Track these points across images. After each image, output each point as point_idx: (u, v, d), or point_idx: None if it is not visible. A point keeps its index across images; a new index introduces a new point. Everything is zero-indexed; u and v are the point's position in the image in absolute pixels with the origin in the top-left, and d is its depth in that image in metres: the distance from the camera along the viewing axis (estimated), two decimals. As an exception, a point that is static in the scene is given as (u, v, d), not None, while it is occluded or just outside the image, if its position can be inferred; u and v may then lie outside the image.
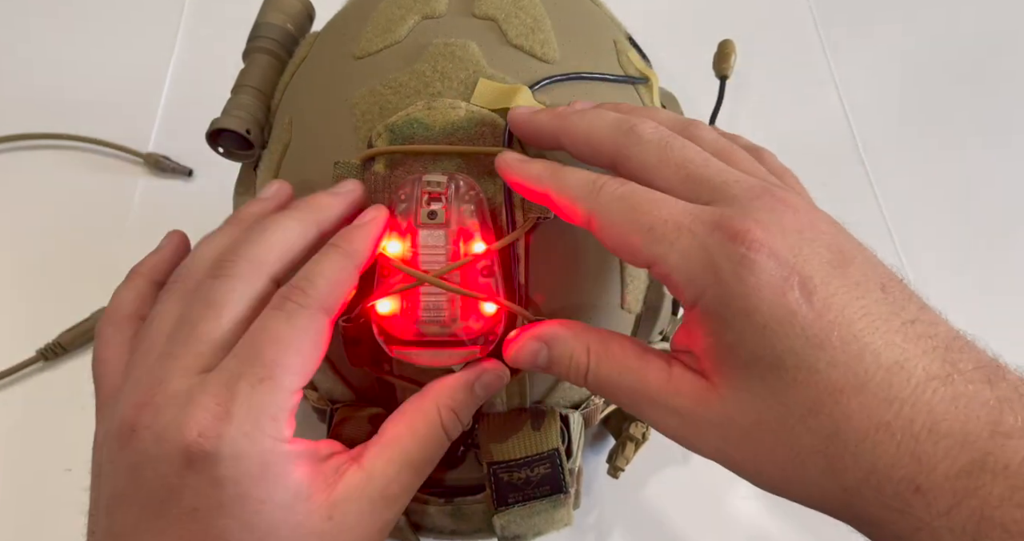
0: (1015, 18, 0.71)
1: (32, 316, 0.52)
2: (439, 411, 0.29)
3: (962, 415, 0.22)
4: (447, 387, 0.30)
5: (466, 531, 0.36)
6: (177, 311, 0.28)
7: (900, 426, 0.22)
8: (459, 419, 0.30)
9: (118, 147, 0.59)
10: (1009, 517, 0.20)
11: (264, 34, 0.38)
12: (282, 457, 0.26)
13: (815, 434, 0.23)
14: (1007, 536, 0.20)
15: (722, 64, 0.38)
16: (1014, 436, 0.21)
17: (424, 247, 0.29)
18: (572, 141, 0.29)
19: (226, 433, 0.25)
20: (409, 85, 0.31)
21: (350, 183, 0.30)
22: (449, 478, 0.34)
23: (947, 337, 0.23)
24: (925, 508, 0.21)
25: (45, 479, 0.46)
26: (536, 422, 0.33)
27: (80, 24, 0.67)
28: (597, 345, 0.27)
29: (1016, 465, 0.21)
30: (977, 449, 0.21)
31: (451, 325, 0.29)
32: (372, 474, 0.27)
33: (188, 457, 0.25)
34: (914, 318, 0.23)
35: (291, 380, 0.26)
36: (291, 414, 0.27)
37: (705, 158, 0.27)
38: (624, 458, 0.41)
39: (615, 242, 0.26)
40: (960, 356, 0.23)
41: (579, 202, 0.27)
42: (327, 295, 0.27)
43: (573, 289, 0.32)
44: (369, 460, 0.28)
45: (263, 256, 0.28)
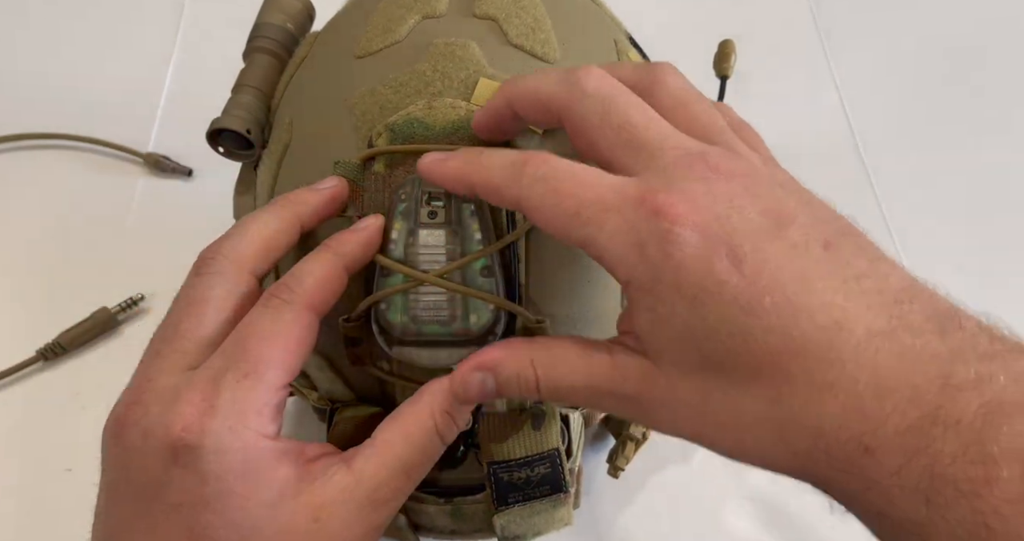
0: (1015, 18, 0.71)
1: (32, 316, 0.52)
2: (433, 415, 0.29)
3: (909, 370, 0.21)
4: (438, 392, 0.29)
5: (466, 531, 0.36)
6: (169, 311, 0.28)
7: (843, 386, 0.21)
8: (454, 421, 0.29)
9: (118, 147, 0.59)
10: (962, 474, 0.20)
11: (264, 34, 0.38)
12: (265, 453, 0.26)
13: (759, 402, 0.22)
14: (959, 494, 0.19)
15: (722, 64, 0.38)
16: (966, 389, 0.20)
17: (424, 247, 0.29)
18: (520, 100, 0.28)
19: (210, 427, 0.25)
20: (409, 85, 0.31)
21: (332, 179, 0.31)
22: (449, 478, 0.34)
23: (897, 289, 0.23)
24: (876, 468, 0.21)
25: (45, 479, 0.46)
26: (536, 422, 0.33)
27: (80, 24, 0.67)
28: (540, 355, 0.27)
29: (969, 419, 0.20)
30: (927, 403, 0.20)
31: (451, 325, 0.29)
32: (361, 478, 0.27)
33: (173, 451, 0.25)
34: (860, 274, 0.23)
35: (276, 375, 0.26)
36: (277, 410, 0.27)
37: (647, 120, 0.26)
38: (624, 458, 0.41)
39: (545, 226, 0.25)
40: (910, 308, 0.22)
41: (504, 190, 0.26)
42: (314, 292, 0.28)
43: (573, 288, 0.32)
44: (359, 463, 0.27)
45: (242, 251, 0.28)
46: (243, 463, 0.25)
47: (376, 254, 0.29)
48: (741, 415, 0.23)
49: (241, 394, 0.26)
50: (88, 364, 0.50)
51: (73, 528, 0.29)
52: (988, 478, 0.19)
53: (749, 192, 0.24)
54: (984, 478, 0.19)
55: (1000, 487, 0.19)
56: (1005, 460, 0.19)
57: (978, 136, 0.64)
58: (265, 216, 0.30)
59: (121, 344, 0.51)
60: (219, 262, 0.28)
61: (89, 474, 0.28)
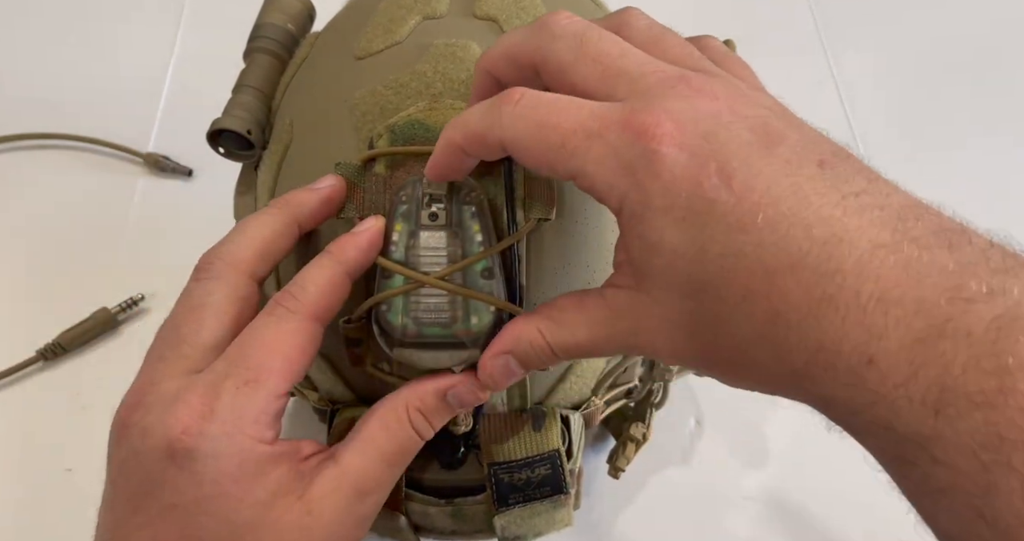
0: (1016, 17, 0.71)
1: (32, 316, 0.52)
2: (408, 411, 0.29)
3: (915, 282, 0.20)
4: (418, 390, 0.30)
5: (466, 532, 0.36)
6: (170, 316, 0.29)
7: (845, 298, 0.21)
8: (429, 423, 0.30)
9: (118, 147, 0.59)
10: (975, 385, 0.19)
11: (265, 34, 0.37)
12: (262, 457, 0.26)
13: (754, 320, 0.22)
14: (972, 406, 0.19)
15: (722, 64, 0.38)
16: (977, 301, 0.20)
17: (425, 249, 0.29)
18: (494, 64, 0.27)
19: (207, 431, 0.25)
20: (410, 86, 0.31)
21: (329, 178, 0.31)
22: (449, 479, 0.34)
23: (901, 206, 0.22)
24: (880, 380, 0.20)
25: (45, 479, 0.46)
26: (537, 423, 0.33)
27: (80, 24, 0.67)
28: (543, 323, 0.27)
29: (981, 331, 0.19)
30: (935, 315, 0.20)
31: (452, 327, 0.29)
32: (346, 469, 0.28)
33: (171, 453, 0.25)
34: (860, 190, 0.22)
35: (276, 384, 0.27)
36: (275, 417, 0.27)
37: (622, 49, 0.25)
38: (625, 459, 0.41)
39: (535, 164, 0.25)
40: (916, 224, 0.21)
41: (487, 134, 0.25)
42: (317, 301, 0.28)
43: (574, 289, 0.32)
44: (343, 456, 0.28)
45: (240, 256, 0.29)
46: (239, 467, 0.26)
47: (377, 256, 0.29)
48: (736, 335, 0.22)
49: (240, 401, 0.26)
50: (88, 364, 0.50)
51: (73, 528, 0.29)
52: (1003, 389, 0.19)
53: (734, 112, 0.23)
54: (998, 389, 0.19)
55: (1016, 398, 0.18)
56: (1022, 371, 0.19)
57: (978, 136, 0.64)
58: (263, 219, 0.30)
59: (121, 344, 0.51)
60: (217, 267, 0.28)
61: (89, 474, 0.28)
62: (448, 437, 0.34)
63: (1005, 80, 0.67)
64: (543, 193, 0.30)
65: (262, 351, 0.27)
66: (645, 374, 0.40)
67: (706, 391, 0.50)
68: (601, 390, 0.37)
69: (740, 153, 0.22)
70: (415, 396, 0.30)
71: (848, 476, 0.46)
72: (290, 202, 0.30)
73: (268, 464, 0.26)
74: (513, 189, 0.30)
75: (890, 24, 0.71)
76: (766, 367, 0.22)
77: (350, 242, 0.29)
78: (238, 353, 0.27)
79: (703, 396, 0.50)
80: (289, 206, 0.30)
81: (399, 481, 0.33)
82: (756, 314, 0.22)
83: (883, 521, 0.44)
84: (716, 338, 0.23)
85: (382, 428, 0.29)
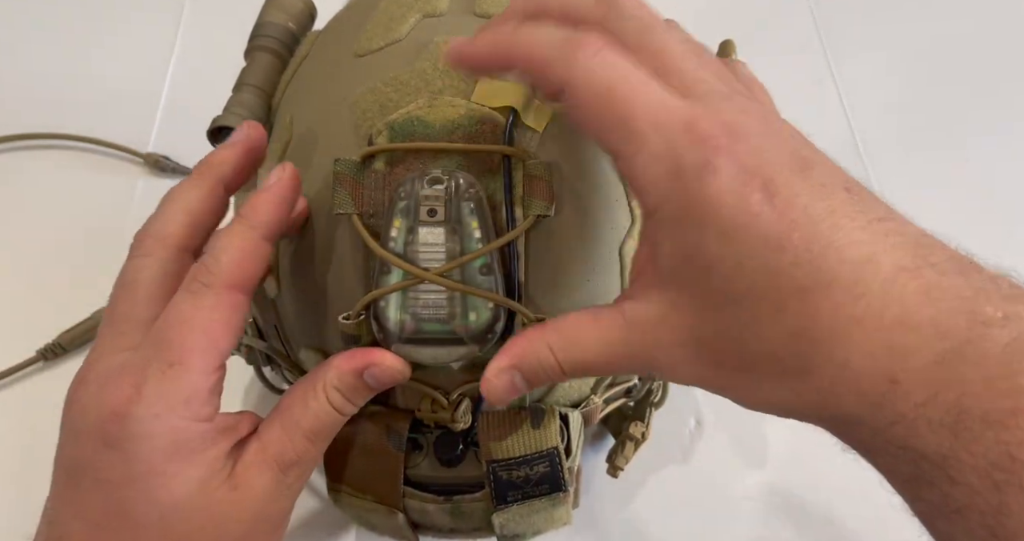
0: (1016, 18, 0.71)
1: (32, 316, 0.52)
2: (326, 389, 0.30)
3: (935, 306, 0.21)
4: (335, 368, 0.30)
5: (465, 529, 0.36)
6: None
7: (871, 320, 0.21)
8: (347, 400, 0.30)
9: (118, 147, 0.59)
10: (990, 406, 0.20)
11: (266, 33, 0.38)
12: (198, 434, 0.27)
13: (782, 335, 0.22)
14: (986, 426, 0.20)
15: (722, 64, 0.38)
16: (993, 325, 0.20)
17: (423, 244, 0.29)
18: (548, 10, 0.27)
19: (135, 413, 0.26)
20: (410, 83, 0.31)
21: (243, 129, 0.31)
22: (448, 476, 0.34)
23: (916, 234, 0.23)
24: (902, 400, 0.21)
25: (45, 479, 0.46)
26: (535, 421, 0.33)
27: (80, 24, 0.67)
28: (554, 338, 0.26)
29: (996, 354, 0.20)
30: (953, 338, 0.20)
31: (451, 323, 0.29)
32: (267, 442, 0.29)
33: (103, 432, 0.26)
34: (882, 216, 0.23)
35: (203, 361, 0.27)
36: (211, 393, 0.27)
37: (684, 51, 0.25)
38: (624, 457, 0.41)
39: (583, 122, 0.25)
40: (931, 251, 0.22)
41: (553, 67, 0.25)
42: (232, 270, 0.28)
43: (573, 287, 0.32)
44: (264, 431, 0.29)
45: (166, 229, 0.29)
46: (172, 445, 0.26)
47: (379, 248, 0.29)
48: (763, 350, 0.23)
49: (167, 384, 0.26)
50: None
51: (72, 527, 0.29)
52: (1016, 410, 0.19)
53: (776, 133, 0.24)
54: (1012, 409, 0.19)
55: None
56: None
57: (979, 136, 0.64)
58: (185, 188, 0.30)
59: (121, 344, 0.51)
60: (147, 244, 0.29)
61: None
62: (447, 434, 0.34)
63: (1005, 80, 0.67)
64: (542, 190, 0.30)
65: (182, 330, 0.27)
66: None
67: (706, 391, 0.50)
68: (600, 388, 0.37)
69: (783, 172, 0.23)
70: (333, 374, 0.30)
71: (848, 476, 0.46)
72: (209, 163, 0.30)
73: (207, 441, 0.27)
74: (512, 186, 0.30)
75: (890, 24, 0.71)
76: (789, 384, 0.23)
77: (260, 200, 0.29)
78: (159, 335, 0.27)
79: (703, 396, 0.50)
80: (209, 168, 0.30)
81: (397, 478, 0.33)
82: (784, 330, 0.22)
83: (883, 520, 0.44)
84: (741, 353, 0.23)
85: (301, 403, 0.30)
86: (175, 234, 0.29)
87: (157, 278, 0.28)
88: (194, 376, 0.27)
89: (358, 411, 0.34)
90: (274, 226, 0.29)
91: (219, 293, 0.27)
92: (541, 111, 0.31)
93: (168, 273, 0.29)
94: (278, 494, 0.29)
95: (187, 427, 0.27)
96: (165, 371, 0.26)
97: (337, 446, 0.33)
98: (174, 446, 0.26)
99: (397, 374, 0.30)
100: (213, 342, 0.27)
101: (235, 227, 0.28)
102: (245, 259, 0.28)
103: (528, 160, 0.30)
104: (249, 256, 0.28)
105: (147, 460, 0.26)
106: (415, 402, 0.33)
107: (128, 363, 0.27)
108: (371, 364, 0.30)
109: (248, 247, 0.28)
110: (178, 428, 0.26)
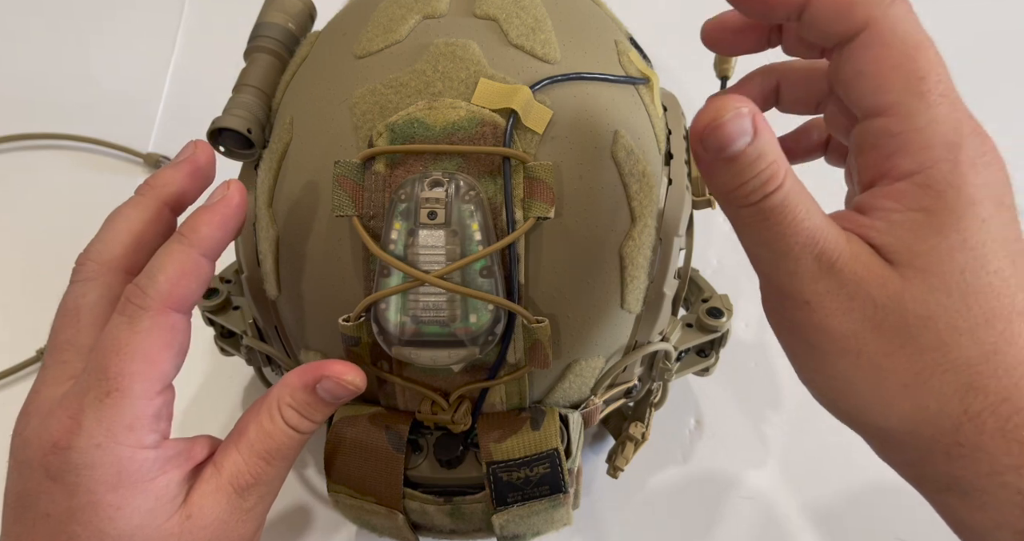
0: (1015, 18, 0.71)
1: (32, 316, 0.51)
2: (279, 407, 0.29)
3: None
4: (287, 385, 0.29)
5: (465, 530, 0.36)
6: None
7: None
8: (304, 417, 0.29)
9: (118, 147, 0.59)
10: None
11: (265, 33, 0.38)
12: (145, 463, 0.26)
13: (979, 346, 0.22)
14: None
15: (723, 65, 0.38)
16: None
17: (424, 247, 0.29)
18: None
19: (76, 444, 0.25)
20: (410, 85, 0.31)
21: (188, 146, 0.30)
22: (448, 477, 0.34)
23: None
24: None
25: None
26: (535, 422, 0.33)
27: (80, 24, 0.67)
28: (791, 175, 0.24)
29: None
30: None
31: (450, 325, 0.29)
32: (221, 467, 0.28)
33: (44, 465, 0.25)
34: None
35: (143, 387, 0.26)
36: (155, 419, 0.26)
37: None
38: (623, 458, 0.41)
39: (873, 66, 0.23)
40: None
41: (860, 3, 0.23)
42: (169, 291, 0.27)
43: (573, 289, 0.32)
44: (219, 454, 0.28)
45: (109, 252, 0.28)
46: (117, 476, 0.25)
47: (379, 251, 0.29)
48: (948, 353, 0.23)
49: (107, 413, 0.25)
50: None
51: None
52: None
53: None
54: None
55: None
56: None
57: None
58: (127, 210, 0.29)
59: (121, 344, 0.51)
60: (89, 267, 0.28)
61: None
62: (447, 435, 0.34)
63: (1006, 79, 0.67)
64: (542, 192, 0.30)
65: (119, 357, 0.26)
66: (644, 374, 0.40)
67: (706, 391, 0.50)
68: (600, 389, 0.37)
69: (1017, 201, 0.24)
70: (285, 391, 0.29)
71: (848, 476, 0.46)
72: (152, 185, 0.29)
73: (154, 469, 0.26)
74: (512, 188, 0.30)
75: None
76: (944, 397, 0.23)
77: (202, 219, 0.28)
78: (96, 363, 0.26)
79: (703, 396, 0.50)
80: (152, 189, 0.29)
81: (397, 479, 0.33)
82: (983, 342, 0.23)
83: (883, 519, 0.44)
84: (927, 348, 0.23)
85: (255, 424, 0.29)
86: (119, 257, 0.28)
87: (100, 303, 0.28)
88: (135, 402, 0.26)
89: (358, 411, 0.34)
90: (216, 244, 0.28)
91: (155, 316, 0.26)
92: (541, 113, 0.31)
93: (112, 298, 0.28)
94: (236, 519, 0.28)
95: (132, 455, 0.26)
96: (103, 399, 0.25)
97: (337, 447, 0.33)
98: (118, 476, 0.25)
99: (350, 386, 0.29)
100: (152, 366, 0.26)
101: (173, 246, 0.27)
102: (183, 278, 0.27)
103: (528, 162, 0.30)
104: (188, 275, 0.27)
105: (90, 491, 0.25)
106: (415, 403, 0.33)
107: (67, 396, 0.26)
108: (323, 377, 0.29)
109: (187, 266, 0.27)
110: (122, 457, 0.25)
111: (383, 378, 0.33)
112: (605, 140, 0.32)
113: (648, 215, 0.33)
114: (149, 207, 0.29)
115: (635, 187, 0.33)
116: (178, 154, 0.30)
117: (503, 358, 0.32)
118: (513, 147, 0.30)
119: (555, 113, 0.31)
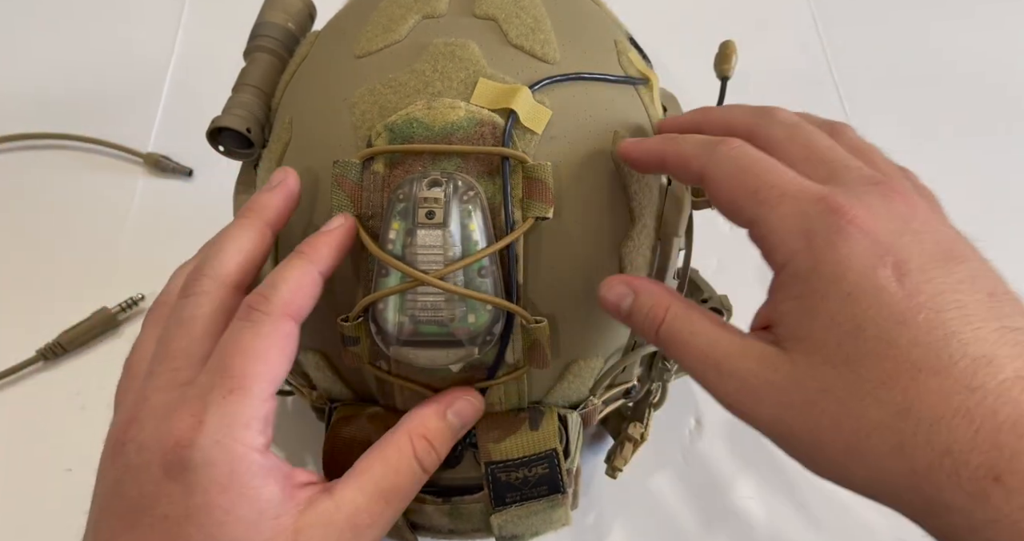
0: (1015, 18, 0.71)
1: (32, 316, 0.52)
2: (411, 439, 0.30)
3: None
4: (418, 414, 0.31)
5: (464, 530, 0.36)
6: (156, 334, 0.29)
7: (981, 415, 0.22)
8: (433, 448, 0.30)
9: (118, 147, 0.59)
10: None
11: (265, 33, 0.38)
12: (252, 467, 0.26)
13: (885, 408, 0.23)
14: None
15: (723, 65, 0.38)
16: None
17: (422, 247, 0.29)
18: (709, 124, 0.31)
19: (199, 441, 0.26)
20: (409, 84, 0.31)
21: (279, 173, 0.32)
22: (447, 477, 0.34)
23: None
24: (1004, 498, 0.21)
25: (45, 479, 0.46)
26: (534, 422, 0.33)
27: (80, 24, 0.67)
28: (677, 306, 0.28)
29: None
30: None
31: (449, 325, 0.29)
32: (341, 503, 0.28)
33: (165, 465, 0.26)
34: (1017, 327, 0.23)
35: (261, 388, 0.27)
36: (265, 422, 0.27)
37: (832, 145, 0.28)
38: (622, 458, 0.41)
39: (721, 198, 0.27)
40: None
41: (694, 159, 0.28)
42: (290, 300, 0.28)
43: (571, 289, 0.32)
44: (339, 489, 0.28)
45: (223, 269, 0.29)
46: (228, 476, 0.26)
47: (378, 250, 0.29)
48: (862, 417, 0.23)
49: (228, 409, 0.26)
50: (88, 364, 0.50)
51: (73, 528, 0.29)
52: None
53: (927, 223, 0.25)
54: None
55: None
56: None
57: (979, 136, 0.64)
58: (235, 231, 0.30)
59: (121, 344, 0.51)
60: (204, 283, 0.29)
61: (89, 474, 0.28)
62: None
63: (1005, 79, 0.67)
64: (541, 192, 0.30)
65: (242, 358, 0.27)
66: (644, 374, 0.40)
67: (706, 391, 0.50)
68: (599, 390, 0.37)
69: (919, 258, 0.24)
70: (417, 422, 0.30)
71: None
72: (255, 209, 0.31)
73: (259, 476, 0.26)
74: (511, 188, 0.30)
75: (890, 24, 0.71)
76: (884, 460, 0.23)
77: (320, 240, 0.29)
78: (219, 363, 0.27)
79: (703, 396, 0.50)
80: (256, 213, 0.31)
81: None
82: (889, 403, 0.23)
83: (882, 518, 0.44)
84: (840, 416, 0.24)
85: (381, 462, 0.29)
86: (232, 274, 0.30)
87: (214, 316, 0.29)
88: (253, 402, 0.27)
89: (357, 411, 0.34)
90: (332, 264, 0.29)
91: (275, 322, 0.28)
92: (540, 113, 0.31)
93: (225, 311, 0.29)
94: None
95: (244, 455, 0.26)
96: (226, 397, 0.26)
97: (337, 447, 0.33)
98: (229, 477, 0.26)
99: (475, 400, 0.32)
100: (270, 370, 0.27)
101: (295, 261, 0.29)
102: (302, 289, 0.28)
103: (527, 162, 0.30)
104: (305, 288, 0.29)
105: (205, 491, 0.25)
106: (413, 403, 0.33)
107: (187, 396, 0.27)
108: (455, 399, 0.31)
109: (305, 280, 0.29)
110: (236, 455, 0.26)
111: (381, 378, 0.33)
112: (604, 140, 0.32)
113: (647, 215, 0.33)
114: (255, 228, 0.30)
115: (634, 187, 0.33)
116: (270, 180, 0.31)
117: (501, 358, 0.32)
118: (512, 147, 0.30)
119: (554, 113, 0.31)
